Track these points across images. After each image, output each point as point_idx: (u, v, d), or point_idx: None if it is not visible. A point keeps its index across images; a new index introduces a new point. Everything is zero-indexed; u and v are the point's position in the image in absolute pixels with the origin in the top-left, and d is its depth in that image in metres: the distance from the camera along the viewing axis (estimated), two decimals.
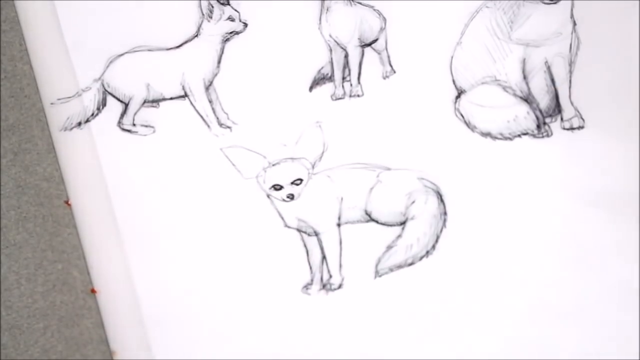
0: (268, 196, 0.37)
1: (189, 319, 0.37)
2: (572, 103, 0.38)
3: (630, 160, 0.37)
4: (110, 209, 0.37)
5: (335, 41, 0.36)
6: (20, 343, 0.37)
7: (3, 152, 0.36)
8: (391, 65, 0.37)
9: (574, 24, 0.38)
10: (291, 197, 0.37)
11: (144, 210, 0.37)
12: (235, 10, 0.36)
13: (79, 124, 0.36)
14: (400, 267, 0.37)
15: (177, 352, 0.37)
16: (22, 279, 0.37)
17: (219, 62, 0.36)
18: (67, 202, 0.37)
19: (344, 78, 0.37)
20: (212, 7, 0.36)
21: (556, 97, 0.38)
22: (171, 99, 0.37)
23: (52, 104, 0.36)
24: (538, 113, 0.38)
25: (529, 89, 0.38)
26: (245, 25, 0.36)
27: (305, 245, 0.37)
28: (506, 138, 0.38)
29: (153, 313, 0.37)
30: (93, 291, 0.37)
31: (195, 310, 0.37)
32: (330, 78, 0.37)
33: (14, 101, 0.36)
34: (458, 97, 0.38)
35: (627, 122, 0.38)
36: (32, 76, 0.36)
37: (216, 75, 0.36)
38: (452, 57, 0.37)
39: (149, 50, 0.36)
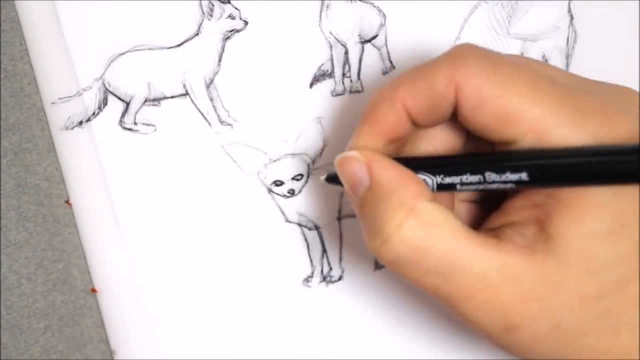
0: (269, 192, 0.37)
1: (190, 318, 0.37)
2: None
3: None
4: (111, 208, 0.37)
5: (336, 38, 0.37)
6: (20, 342, 0.37)
7: (3, 152, 0.36)
8: (391, 61, 0.37)
9: (571, 18, 0.38)
10: (292, 192, 0.37)
11: (145, 209, 0.37)
12: (236, 9, 0.36)
13: (80, 123, 0.36)
14: None
15: (178, 351, 0.37)
16: (23, 279, 0.37)
17: (219, 60, 0.36)
18: (67, 202, 0.37)
19: (344, 74, 0.37)
20: (213, 5, 0.36)
21: None
22: (172, 97, 0.37)
23: (52, 103, 0.36)
24: None
25: None
26: (246, 23, 0.36)
27: (306, 239, 0.37)
28: None
29: (154, 312, 0.37)
30: (93, 290, 0.37)
31: (197, 309, 0.37)
32: (331, 74, 0.37)
33: (14, 101, 0.36)
34: None
35: None
36: (32, 76, 0.36)
37: (217, 73, 0.36)
38: None
39: (150, 49, 0.36)
